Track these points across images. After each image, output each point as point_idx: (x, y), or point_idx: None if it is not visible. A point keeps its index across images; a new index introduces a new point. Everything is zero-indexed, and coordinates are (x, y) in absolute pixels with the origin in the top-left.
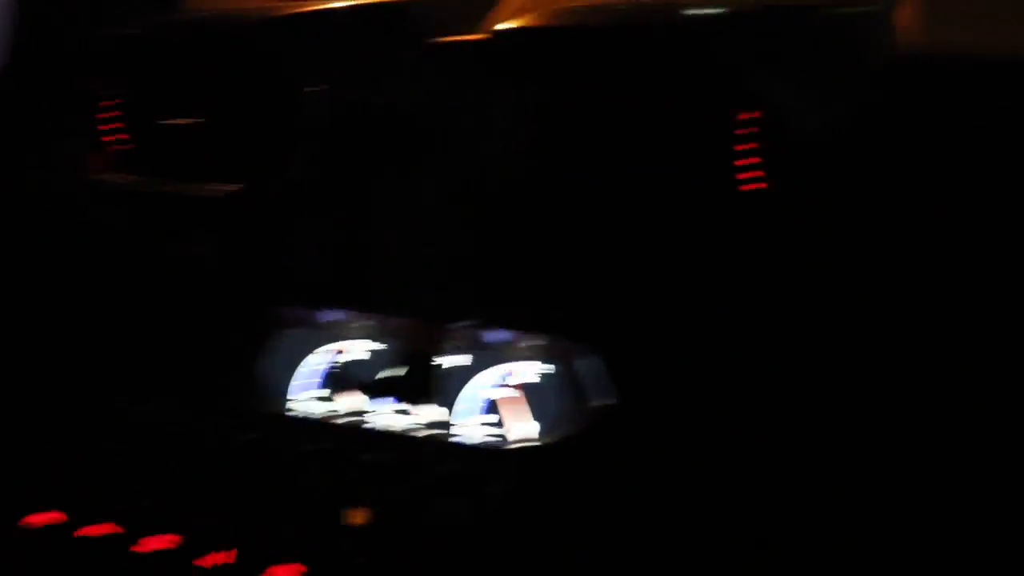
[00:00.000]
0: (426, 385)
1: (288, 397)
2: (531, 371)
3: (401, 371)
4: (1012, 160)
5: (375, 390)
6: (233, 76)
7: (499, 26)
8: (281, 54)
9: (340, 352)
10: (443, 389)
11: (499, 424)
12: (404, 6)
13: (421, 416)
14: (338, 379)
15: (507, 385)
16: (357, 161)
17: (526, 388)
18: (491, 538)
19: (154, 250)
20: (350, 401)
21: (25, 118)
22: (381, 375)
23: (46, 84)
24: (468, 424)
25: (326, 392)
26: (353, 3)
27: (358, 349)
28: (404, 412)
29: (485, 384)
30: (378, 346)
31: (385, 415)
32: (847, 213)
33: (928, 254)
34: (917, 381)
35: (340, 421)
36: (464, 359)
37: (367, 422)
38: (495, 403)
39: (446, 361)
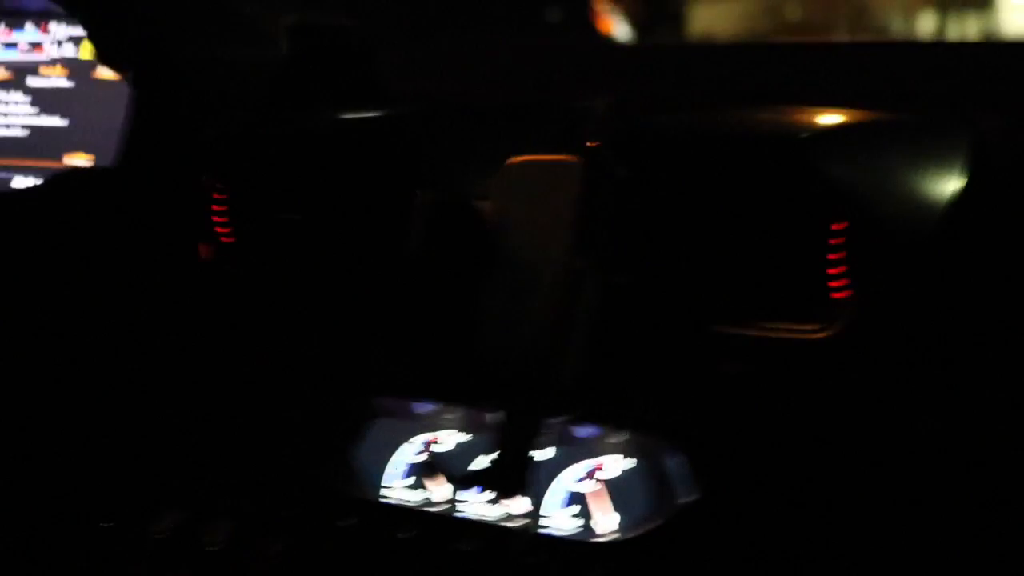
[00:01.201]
0: (517, 477)
1: (383, 484)
2: (618, 466)
3: (492, 462)
4: None
5: (467, 481)
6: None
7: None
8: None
9: (434, 442)
10: (533, 481)
11: (586, 517)
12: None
13: (511, 507)
14: (431, 468)
15: (595, 479)
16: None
17: (613, 482)
18: None
19: (257, 338)
20: (442, 490)
21: (141, 210)
22: (473, 466)
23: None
24: (556, 516)
25: (419, 481)
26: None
27: (451, 440)
28: (495, 503)
29: (573, 477)
30: (470, 437)
31: (476, 505)
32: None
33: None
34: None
35: (433, 509)
36: (554, 452)
37: (459, 511)
38: (583, 496)
39: (536, 454)
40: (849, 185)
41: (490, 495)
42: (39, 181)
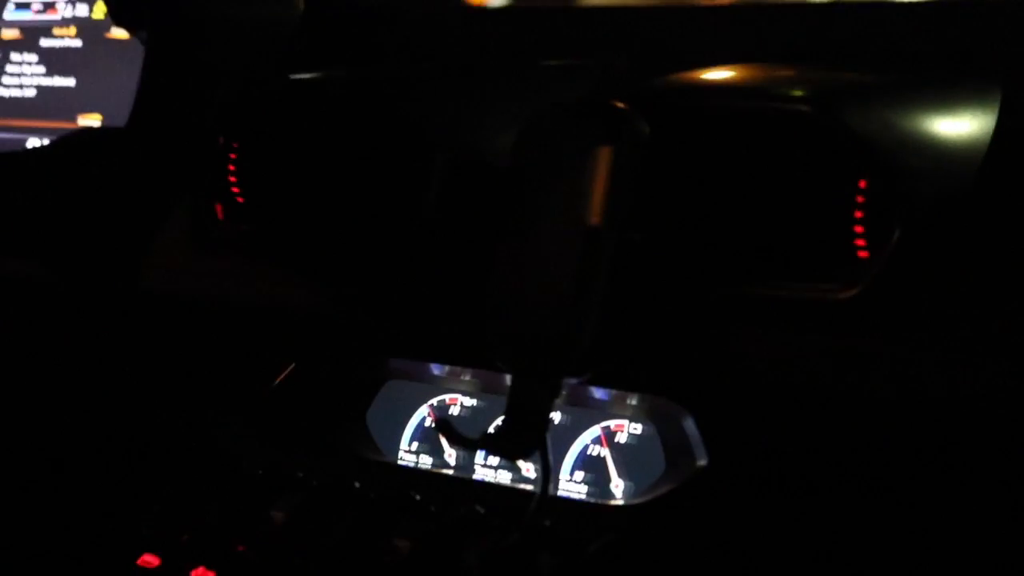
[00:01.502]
0: (530, 439)
1: (400, 447)
2: (632, 429)
3: (505, 424)
4: None
5: (480, 443)
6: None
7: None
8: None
9: (450, 404)
10: (547, 444)
11: (600, 480)
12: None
13: (525, 470)
14: (445, 430)
15: (609, 442)
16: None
17: (627, 446)
18: None
19: (272, 297)
20: (457, 453)
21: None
22: (487, 428)
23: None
24: (570, 479)
25: (434, 443)
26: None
27: (466, 402)
28: (508, 465)
29: (587, 440)
30: (486, 400)
31: (490, 468)
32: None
33: None
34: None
35: (447, 472)
36: (569, 416)
37: (473, 474)
38: (597, 459)
39: (551, 416)
40: (876, 142)
41: (503, 457)
42: (52, 141)
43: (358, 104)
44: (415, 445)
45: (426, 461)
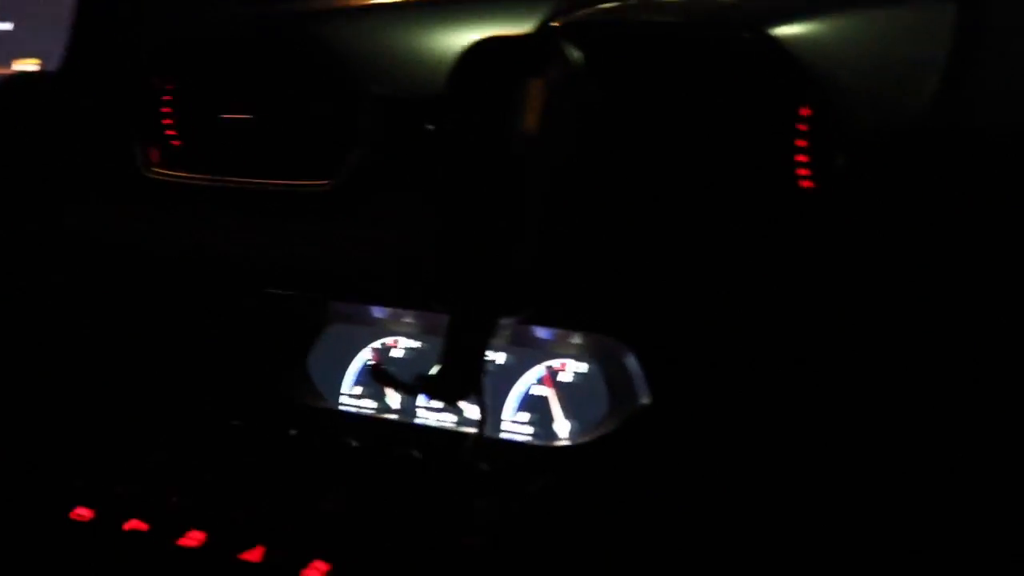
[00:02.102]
0: (467, 381)
1: (340, 392)
2: (574, 369)
3: (442, 366)
4: None
5: (418, 386)
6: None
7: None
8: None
9: (391, 347)
10: (485, 385)
11: (542, 421)
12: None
13: (466, 412)
14: (384, 375)
15: (550, 383)
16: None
17: (569, 385)
18: (528, 536)
19: (208, 245)
20: (398, 397)
21: (87, 114)
22: (429, 371)
23: (108, 81)
24: (511, 421)
25: (375, 387)
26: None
27: (407, 345)
28: (447, 408)
29: (529, 380)
30: (427, 342)
31: (431, 411)
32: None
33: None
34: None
35: (388, 416)
36: (510, 356)
37: (414, 417)
38: (539, 400)
39: (493, 358)
40: (819, 67)
41: (440, 400)
42: None
43: (286, 42)
44: (357, 390)
45: (368, 406)
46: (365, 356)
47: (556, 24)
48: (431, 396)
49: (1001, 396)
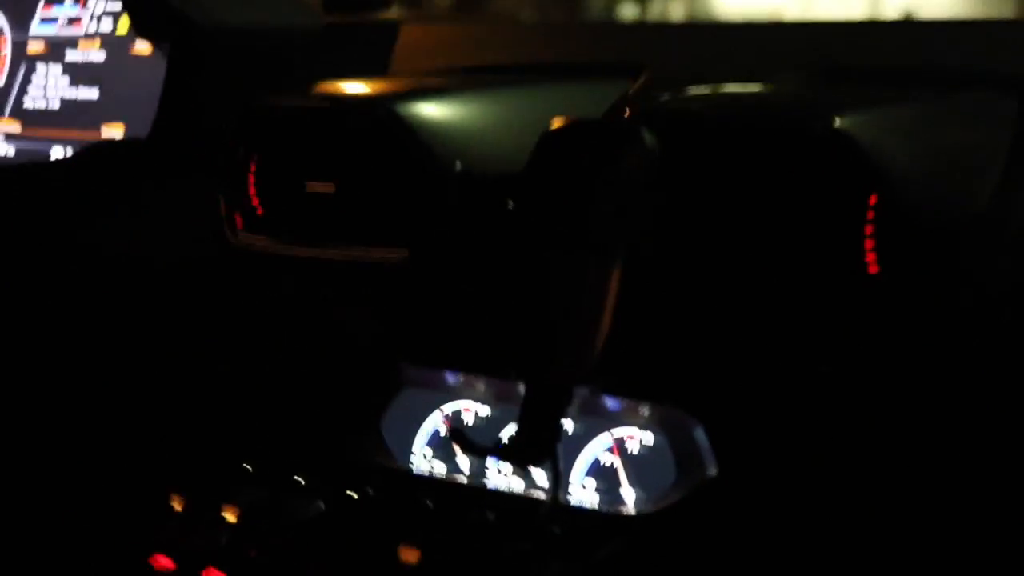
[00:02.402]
0: (541, 447)
1: (412, 453)
2: (642, 438)
3: (516, 432)
4: None
5: (492, 451)
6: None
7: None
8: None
9: (462, 412)
10: (558, 452)
11: (610, 489)
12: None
13: (536, 478)
14: (457, 438)
15: (619, 451)
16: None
17: (637, 455)
18: None
19: (288, 309)
20: (469, 460)
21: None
22: (499, 436)
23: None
24: (580, 488)
25: (446, 450)
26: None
27: (479, 410)
28: (520, 473)
29: (597, 449)
30: (498, 408)
31: (502, 475)
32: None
33: None
34: None
35: (459, 479)
36: (579, 424)
37: (485, 481)
38: (607, 468)
39: (562, 424)
40: (885, 158)
41: (514, 465)
42: (75, 151)
43: (373, 119)
44: (428, 452)
45: (439, 468)
46: (437, 420)
47: (633, 110)
48: (507, 460)
49: None
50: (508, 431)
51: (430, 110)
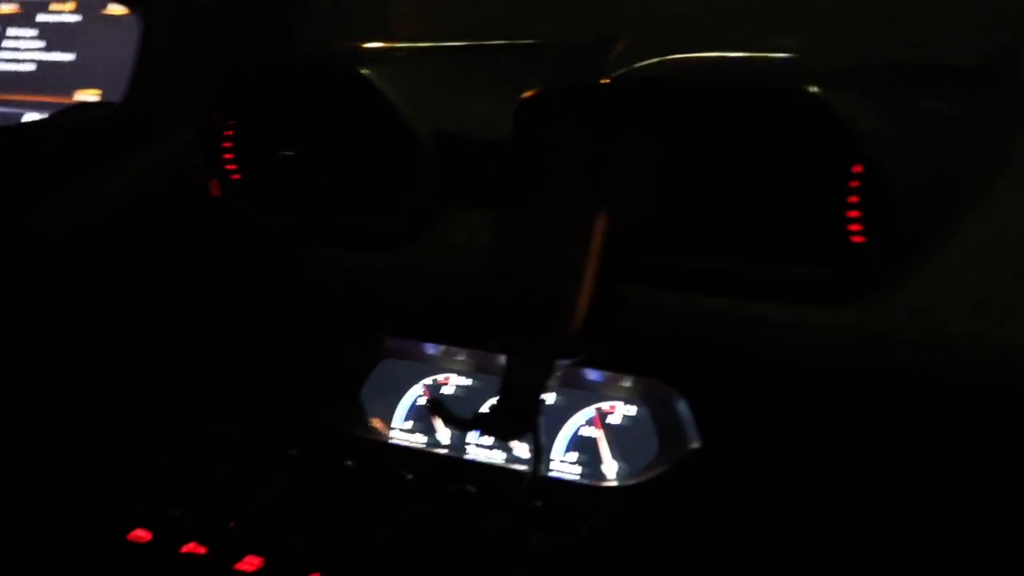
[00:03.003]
0: (521, 420)
1: (391, 426)
2: (624, 411)
3: (497, 405)
4: None
5: (472, 423)
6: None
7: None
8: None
9: (443, 384)
10: (539, 425)
11: (591, 461)
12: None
13: (517, 450)
14: (437, 410)
15: (601, 424)
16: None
17: (619, 427)
18: (577, 574)
19: (265, 277)
20: (449, 432)
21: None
22: (479, 408)
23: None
24: (562, 460)
25: (426, 422)
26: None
27: (460, 382)
28: (500, 445)
29: (579, 422)
30: (479, 380)
31: (482, 448)
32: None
33: None
34: None
35: (439, 451)
36: (563, 397)
37: (465, 454)
38: (589, 441)
39: (543, 397)
40: (870, 127)
41: (495, 438)
42: (49, 115)
43: (351, 82)
44: (409, 424)
45: (419, 440)
46: (417, 392)
47: (614, 77)
48: (488, 433)
49: None
50: (488, 403)
51: (409, 73)
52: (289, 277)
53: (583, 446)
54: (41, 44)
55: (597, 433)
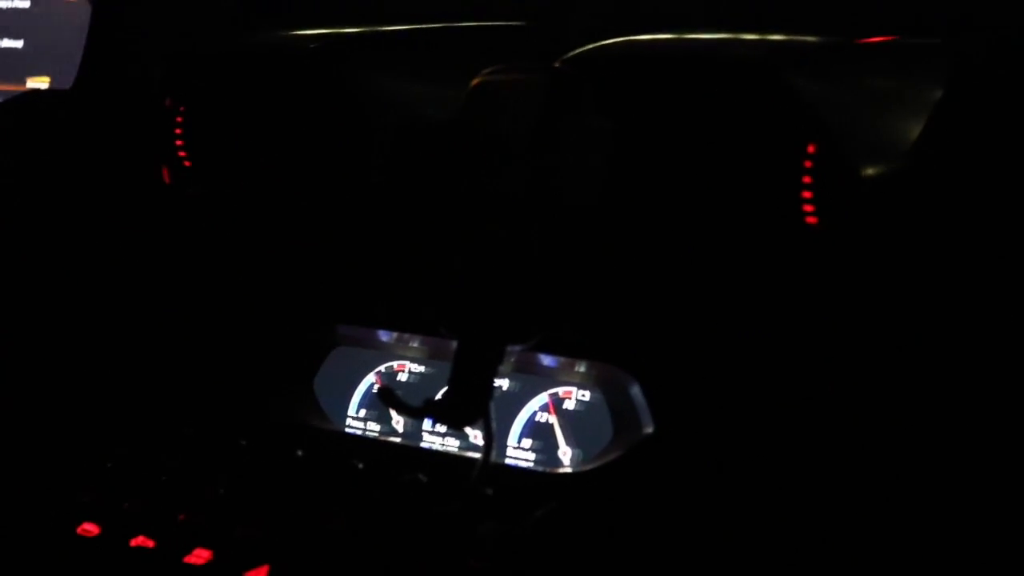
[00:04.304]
0: (473, 407)
1: (347, 415)
2: (579, 396)
3: (448, 391)
4: None
5: (424, 410)
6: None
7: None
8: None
9: (397, 371)
10: (491, 411)
11: (546, 448)
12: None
13: (471, 438)
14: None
15: (556, 410)
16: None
17: (573, 413)
18: (531, 561)
19: (220, 264)
20: (403, 420)
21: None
22: (436, 396)
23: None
24: (516, 447)
25: (380, 410)
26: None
27: (414, 369)
28: (453, 433)
29: (533, 408)
30: (433, 367)
31: (437, 435)
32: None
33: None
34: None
35: (393, 439)
36: (515, 383)
37: (420, 441)
38: (543, 427)
39: (496, 383)
40: (825, 106)
41: (447, 425)
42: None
43: (301, 68)
44: (363, 412)
45: (373, 429)
46: (371, 379)
47: (568, 56)
48: (438, 420)
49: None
50: (444, 391)
51: (358, 57)
52: (240, 264)
53: (538, 432)
54: None
55: (551, 419)
